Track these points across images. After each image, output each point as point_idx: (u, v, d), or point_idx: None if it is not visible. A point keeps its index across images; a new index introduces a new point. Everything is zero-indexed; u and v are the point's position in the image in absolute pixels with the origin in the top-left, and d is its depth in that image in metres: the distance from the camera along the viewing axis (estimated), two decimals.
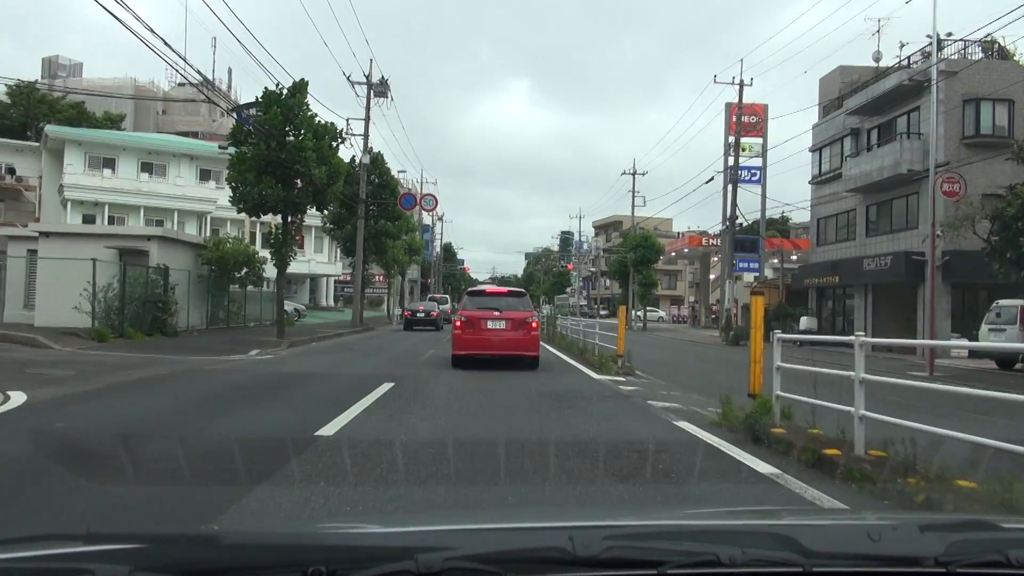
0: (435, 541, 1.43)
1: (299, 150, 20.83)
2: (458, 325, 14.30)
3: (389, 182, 36.64)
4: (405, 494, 4.78)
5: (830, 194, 31.75)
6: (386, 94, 33.81)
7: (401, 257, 47.58)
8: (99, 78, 72.82)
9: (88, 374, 11.43)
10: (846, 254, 30.42)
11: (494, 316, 14.01)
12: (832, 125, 31.90)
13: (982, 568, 1.40)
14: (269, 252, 22.99)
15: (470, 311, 14.45)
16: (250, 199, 20.96)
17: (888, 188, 27.03)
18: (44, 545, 1.41)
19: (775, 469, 5.70)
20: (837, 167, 31.07)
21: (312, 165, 20.95)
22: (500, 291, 16.06)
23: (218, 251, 24.45)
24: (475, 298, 15.25)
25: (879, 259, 26.77)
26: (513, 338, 13.86)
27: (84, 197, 40.16)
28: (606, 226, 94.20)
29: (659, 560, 1.35)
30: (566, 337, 23.92)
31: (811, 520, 2.21)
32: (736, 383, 10.15)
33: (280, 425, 7.82)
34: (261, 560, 1.36)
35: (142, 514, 4.30)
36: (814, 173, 33.36)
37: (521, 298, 15.13)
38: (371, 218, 36.21)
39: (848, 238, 30.57)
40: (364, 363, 15.57)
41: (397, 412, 8.53)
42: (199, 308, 23.96)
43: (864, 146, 29.19)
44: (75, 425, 7.41)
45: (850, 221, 30.61)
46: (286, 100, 21.22)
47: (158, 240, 21.82)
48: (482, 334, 13.90)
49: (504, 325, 13.93)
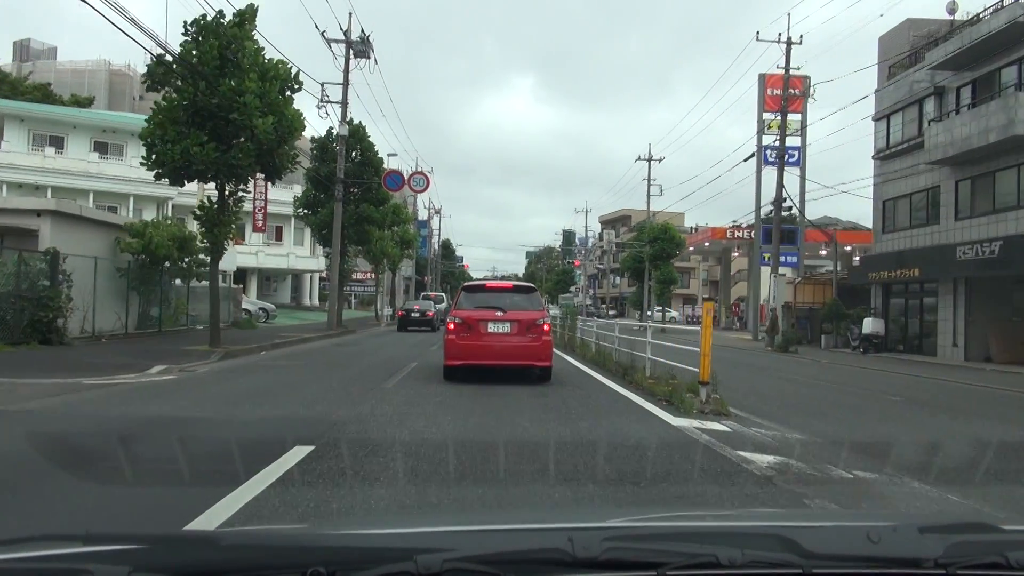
0: (434, 542, 1.41)
1: (237, 95, 15.41)
2: (451, 328, 11.60)
3: (372, 159, 31.18)
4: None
5: (903, 169, 26.27)
6: (367, 54, 28.37)
7: (391, 250, 42.26)
8: (70, 61, 68.81)
9: None
10: (924, 241, 24.96)
11: (496, 317, 11.44)
12: (903, 87, 26.45)
13: (982, 570, 1.39)
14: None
15: (466, 311, 11.72)
16: (170, 160, 15.52)
17: (991, 157, 21.59)
18: (43, 546, 1.40)
19: None
20: (913, 136, 25.61)
21: (254, 115, 15.51)
22: (503, 286, 12.93)
23: (144, 235, 19.03)
24: (473, 295, 12.31)
25: (981, 246, 21.31)
26: (520, 345, 11.37)
27: (21, 179, 34.72)
28: (613, 221, 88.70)
29: (659, 561, 1.35)
30: (588, 345, 18.52)
31: (811, 522, 2.02)
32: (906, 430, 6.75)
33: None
34: (260, 561, 1.35)
35: None
36: (879, 146, 27.88)
37: (529, 295, 12.33)
38: (351, 201, 30.80)
39: (928, 222, 25.09)
40: (306, 389, 10.17)
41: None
42: (115, 307, 18.52)
43: (953, 107, 23.72)
44: None
45: (931, 201, 25.14)
46: (227, 30, 15.81)
47: (51, 216, 16.37)
48: (481, 339, 11.36)
49: (508, 328, 11.40)
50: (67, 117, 39.11)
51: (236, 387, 10.49)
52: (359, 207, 30.51)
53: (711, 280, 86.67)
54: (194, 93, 15.39)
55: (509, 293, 12.21)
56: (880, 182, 27.87)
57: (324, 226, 30.14)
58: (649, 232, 47.94)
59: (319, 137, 30.67)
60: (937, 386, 15.23)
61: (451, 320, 11.73)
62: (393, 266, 46.87)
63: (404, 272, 66.31)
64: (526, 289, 12.66)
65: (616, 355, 15.11)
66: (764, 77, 39.65)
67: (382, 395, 9.52)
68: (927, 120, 24.48)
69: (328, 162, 30.01)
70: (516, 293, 12.24)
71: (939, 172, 24.19)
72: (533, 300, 12.14)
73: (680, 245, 47.73)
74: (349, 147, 30.47)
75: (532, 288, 12.90)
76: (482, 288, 12.72)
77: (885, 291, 27.98)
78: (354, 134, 30.66)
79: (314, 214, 30.62)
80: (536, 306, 11.97)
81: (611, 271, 77.34)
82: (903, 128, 26.40)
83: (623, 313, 74.55)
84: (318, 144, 30.58)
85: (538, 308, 11.97)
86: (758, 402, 10.23)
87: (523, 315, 11.47)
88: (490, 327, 11.37)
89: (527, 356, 11.37)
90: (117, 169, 37.53)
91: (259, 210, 28.07)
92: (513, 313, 11.46)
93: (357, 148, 31.05)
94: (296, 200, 31.35)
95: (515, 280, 23.75)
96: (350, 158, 30.96)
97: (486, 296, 12.09)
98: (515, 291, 12.37)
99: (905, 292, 27.12)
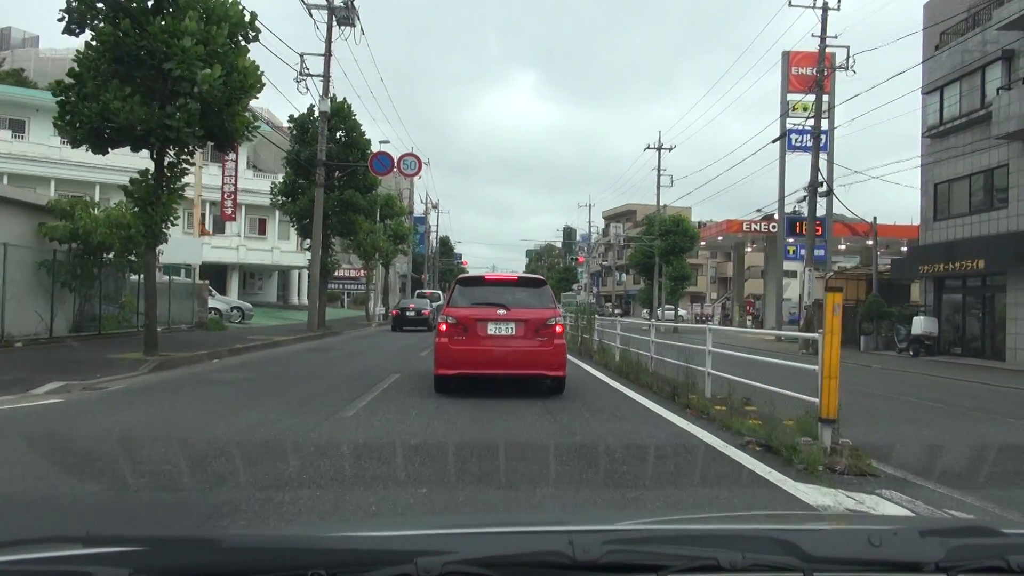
0: (435, 545, 1.40)
1: (173, 37, 12.20)
2: (443, 330, 9.71)
3: (359, 141, 27.91)
4: None
5: (961, 147, 23.05)
6: (352, 21, 25.15)
7: (383, 244, 39.08)
8: (51, 49, 66.35)
9: None
10: (989, 229, 21.79)
11: (498, 316, 9.60)
12: (956, 56, 23.25)
13: (982, 573, 1.39)
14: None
15: (462, 309, 9.81)
16: (87, 119, 12.32)
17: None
18: (44, 547, 1.40)
19: None
20: (974, 108, 22.40)
21: (195, 64, 12.30)
22: (506, 278, 11.18)
23: (72, 217, 15.81)
24: (469, 289, 10.33)
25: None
26: (527, 350, 9.49)
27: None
28: (617, 216, 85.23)
29: (659, 564, 1.34)
30: (608, 350, 15.39)
31: (812, 525, 2.03)
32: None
33: None
34: (261, 564, 1.34)
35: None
36: (930, 123, 24.64)
37: (538, 289, 10.32)
38: (335, 188, 27.59)
39: (993, 206, 21.89)
40: (219, 425, 6.98)
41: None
42: (37, 305, 15.29)
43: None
44: None
45: (994, 183, 21.94)
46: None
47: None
48: (480, 344, 9.47)
49: (513, 329, 9.56)
50: (29, 99, 35.91)
51: (127, 419, 7.26)
52: (344, 193, 27.27)
53: (719, 277, 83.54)
54: (116, 33, 12.17)
55: (513, 287, 10.37)
56: (931, 163, 24.64)
57: (304, 215, 26.89)
58: (660, 225, 44.66)
59: (299, 116, 27.42)
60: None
61: (443, 320, 9.80)
62: (386, 261, 43.64)
63: (400, 269, 63.09)
64: (534, 282, 10.60)
65: (651, 364, 11.94)
66: (788, 55, 36.48)
67: (329, 437, 6.31)
68: (994, 89, 21.25)
69: (309, 144, 26.76)
70: (522, 287, 10.35)
71: (1008, 148, 20.97)
72: (543, 296, 10.14)
73: (694, 238, 44.52)
74: (333, 127, 27.23)
75: (541, 281, 10.69)
76: (481, 281, 10.74)
77: (937, 286, 24.77)
78: (338, 112, 27.42)
79: (293, 202, 27.36)
80: (546, 303, 10.03)
81: (616, 268, 73.90)
82: (961, 100, 23.18)
83: (628, 312, 71.41)
84: (298, 123, 27.34)
85: (549, 305, 10.01)
86: (884, 436, 6.99)
87: (531, 313, 9.65)
88: (491, 328, 9.51)
89: (536, 364, 9.49)
90: (82, 154, 34.26)
91: (228, 196, 24.74)
92: (519, 311, 9.63)
93: (342, 128, 27.77)
94: (274, 187, 28.07)
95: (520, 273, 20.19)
96: (334, 139, 27.72)
97: (486, 291, 10.20)
98: (521, 285, 10.51)
99: (963, 287, 23.93)
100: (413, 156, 25.77)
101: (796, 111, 35.08)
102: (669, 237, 43.35)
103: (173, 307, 21.85)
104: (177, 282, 23.08)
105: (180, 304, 22.41)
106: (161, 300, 21.74)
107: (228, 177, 24.90)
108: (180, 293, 22.47)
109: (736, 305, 52.52)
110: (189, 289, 22.79)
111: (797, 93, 35.62)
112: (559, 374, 9.62)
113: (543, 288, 10.28)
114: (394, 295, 60.37)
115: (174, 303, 22.00)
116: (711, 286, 79.16)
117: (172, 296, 21.85)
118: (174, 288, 22.22)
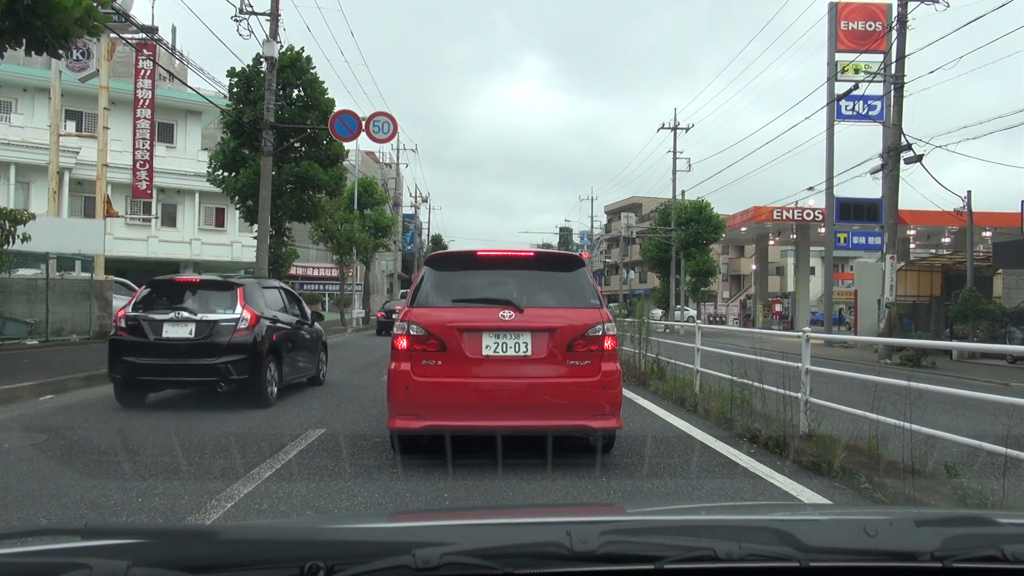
0: (433, 536, 1.38)
1: None
2: (402, 348, 5.48)
3: (320, 102, 22.20)
4: None
5: None
6: None
7: (360, 235, 33.45)
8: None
9: None
10: None
11: (501, 324, 5.45)
12: None
13: (978, 563, 1.36)
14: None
15: (436, 311, 5.63)
16: None
17: None
18: (41, 540, 1.36)
19: None
20: None
21: None
22: (515, 255, 6.31)
23: None
24: (449, 275, 6.01)
25: None
26: (554, 383, 5.47)
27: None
28: (621, 210, 79.44)
29: (656, 555, 1.32)
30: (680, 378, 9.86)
31: (808, 515, 2.03)
32: None
33: None
34: (259, 555, 1.33)
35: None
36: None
37: (571, 274, 5.96)
38: (290, 160, 21.92)
39: None
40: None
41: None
42: None
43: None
44: None
45: None
46: None
47: None
48: (469, 373, 5.43)
49: (528, 346, 5.46)
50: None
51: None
52: (299, 165, 21.57)
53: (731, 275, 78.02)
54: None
55: (527, 271, 6.05)
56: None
57: (249, 194, 21.20)
58: (679, 213, 38.98)
59: (243, 68, 21.74)
60: None
61: (401, 331, 5.53)
62: (366, 258, 37.95)
63: (386, 268, 57.29)
64: (563, 262, 6.27)
65: (760, 400, 6.39)
66: (836, 7, 30.91)
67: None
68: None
69: (254, 103, 21.10)
70: (542, 270, 6.10)
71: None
72: (578, 285, 5.91)
73: (719, 228, 38.79)
74: (285, 81, 21.60)
75: (576, 260, 6.29)
76: (470, 261, 6.18)
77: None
78: (292, 64, 21.76)
79: (233, 177, 21.62)
80: (586, 297, 5.83)
81: (623, 265, 68.34)
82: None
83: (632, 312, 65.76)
84: (241, 76, 21.65)
85: (590, 302, 5.80)
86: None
87: (558, 316, 5.60)
88: (487, 345, 5.45)
89: (570, 408, 5.47)
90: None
91: (141, 165, 18.96)
92: (537, 313, 5.57)
93: (297, 85, 22.10)
94: (211, 159, 22.33)
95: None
96: (288, 99, 22.09)
97: (478, 278, 5.96)
98: (540, 266, 6.17)
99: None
100: (386, 116, 20.10)
101: (847, 73, 29.62)
102: (690, 226, 37.71)
103: (59, 311, 16.19)
104: (69, 279, 17.42)
105: (72, 307, 16.71)
106: (66, 303, 16.13)
107: (140, 140, 19.15)
108: (71, 293, 16.77)
109: (759, 304, 46.98)
110: (85, 288, 17.09)
111: (847, 52, 30.23)
112: (611, 424, 5.63)
113: (578, 272, 6.00)
114: (380, 296, 54.58)
115: (62, 305, 16.34)
116: (723, 284, 73.55)
117: (58, 296, 16.19)
118: (60, 286, 16.54)
